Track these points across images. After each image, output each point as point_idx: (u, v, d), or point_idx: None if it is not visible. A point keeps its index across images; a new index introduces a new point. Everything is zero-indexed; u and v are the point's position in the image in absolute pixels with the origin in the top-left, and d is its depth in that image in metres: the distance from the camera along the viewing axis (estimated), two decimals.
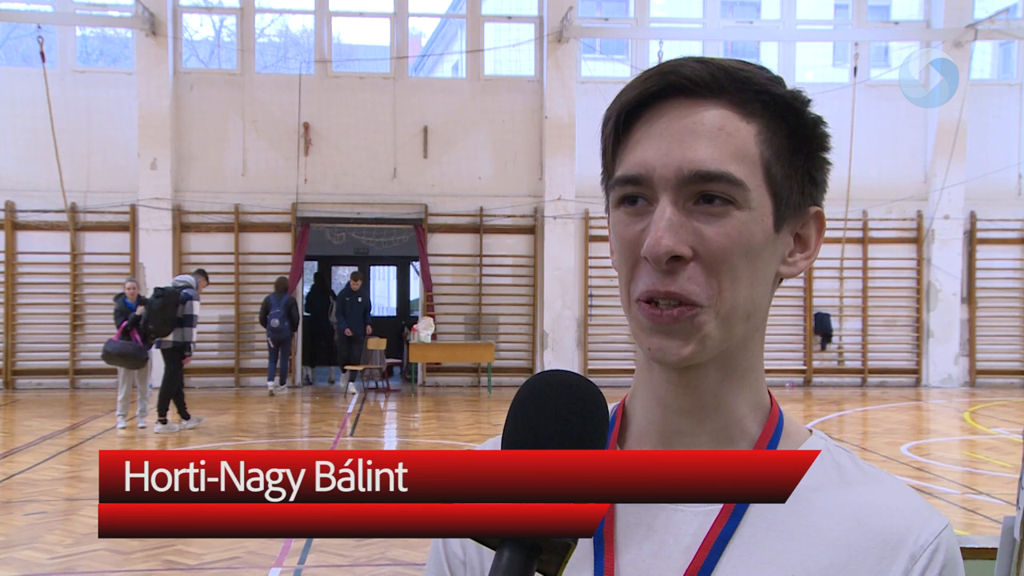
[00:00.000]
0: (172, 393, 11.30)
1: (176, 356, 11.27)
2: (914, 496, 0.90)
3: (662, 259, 0.83)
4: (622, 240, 0.87)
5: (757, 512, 0.88)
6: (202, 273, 11.96)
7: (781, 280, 0.93)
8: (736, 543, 0.87)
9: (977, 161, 16.33)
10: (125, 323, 11.05)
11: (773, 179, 0.87)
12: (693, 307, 0.84)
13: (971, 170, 16.25)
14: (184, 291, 11.15)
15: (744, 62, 0.88)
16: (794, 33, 16.75)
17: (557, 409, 0.74)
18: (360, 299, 15.74)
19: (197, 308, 11.33)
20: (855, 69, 15.59)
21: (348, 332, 15.33)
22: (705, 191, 0.84)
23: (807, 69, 18.19)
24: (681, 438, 0.92)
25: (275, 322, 14.66)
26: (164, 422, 11.27)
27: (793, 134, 0.88)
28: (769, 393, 0.95)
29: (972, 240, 16.72)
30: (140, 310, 11.18)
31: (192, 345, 11.35)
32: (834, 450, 0.93)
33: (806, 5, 17.61)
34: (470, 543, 0.95)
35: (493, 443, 0.95)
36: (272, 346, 15.00)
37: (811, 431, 0.96)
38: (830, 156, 0.92)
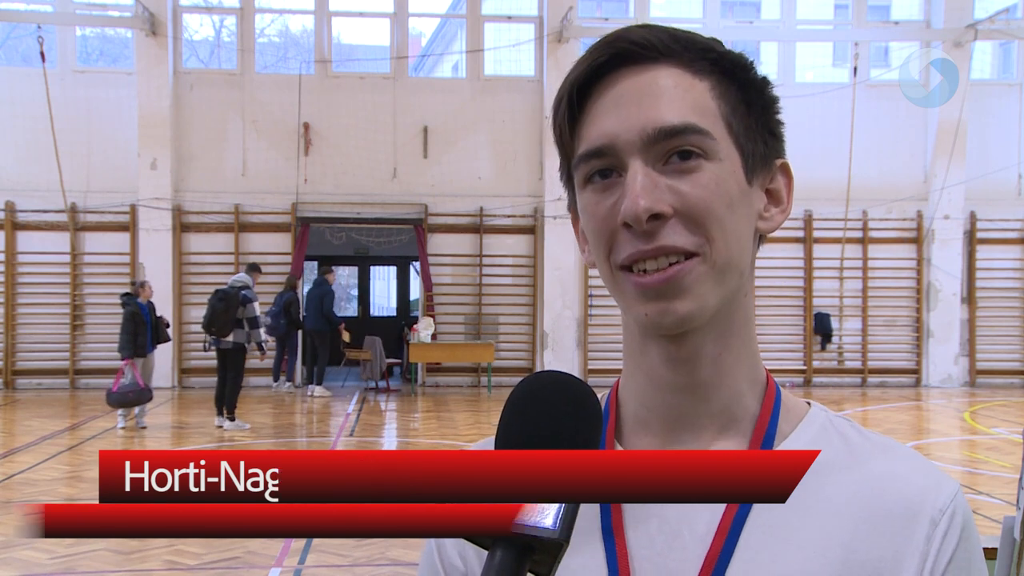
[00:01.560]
0: (238, 391, 11.71)
1: (238, 356, 11.60)
2: (924, 461, 0.90)
3: (642, 218, 0.81)
4: (595, 217, 0.85)
5: None
6: (256, 268, 12.20)
7: (762, 239, 0.92)
8: (752, 527, 0.85)
9: (977, 161, 16.33)
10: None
11: (735, 132, 0.86)
12: (686, 260, 0.83)
13: (971, 170, 16.25)
14: (243, 292, 11.49)
15: (686, 29, 0.89)
16: (794, 33, 16.76)
17: (550, 409, 0.74)
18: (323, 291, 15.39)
19: (258, 308, 11.78)
20: (855, 69, 15.59)
21: (344, 332, 15.27)
22: (673, 147, 0.83)
23: (807, 69, 18.19)
24: (682, 421, 0.90)
25: (268, 319, 14.68)
26: (233, 419, 11.62)
27: (744, 90, 0.87)
28: (766, 370, 0.94)
29: (972, 240, 16.72)
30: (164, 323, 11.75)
31: (264, 344, 11.86)
32: (836, 421, 0.93)
33: (806, 5, 17.61)
34: (470, 550, 0.93)
35: (486, 443, 0.94)
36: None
37: (809, 403, 0.95)
38: (782, 120, 0.92)
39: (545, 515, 0.66)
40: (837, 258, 16.40)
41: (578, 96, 0.86)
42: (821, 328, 16.52)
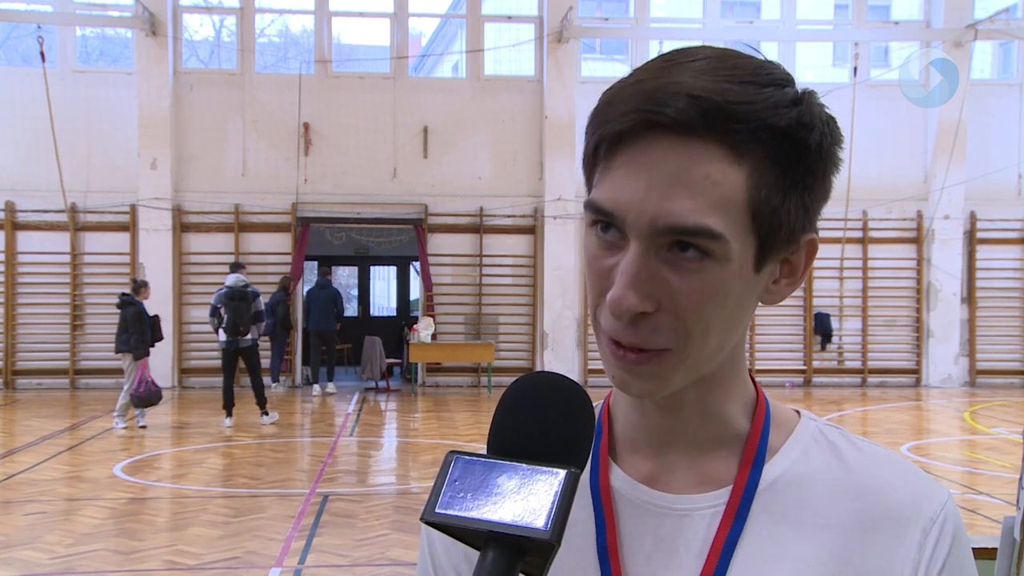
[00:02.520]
0: (262, 385, 12.02)
1: (256, 352, 11.84)
2: (913, 469, 0.90)
3: (624, 317, 0.79)
4: (592, 268, 0.83)
5: (763, 506, 0.87)
6: (242, 266, 12.26)
7: (757, 305, 0.87)
8: (746, 541, 0.85)
9: (977, 161, 16.33)
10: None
11: (759, 219, 0.80)
12: (660, 353, 0.81)
13: (971, 170, 16.25)
14: (252, 289, 11.71)
15: (751, 78, 0.79)
16: (794, 33, 16.75)
17: (543, 410, 0.74)
18: (325, 291, 15.62)
19: (262, 303, 12.05)
20: (855, 69, 15.58)
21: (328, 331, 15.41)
22: (680, 240, 0.78)
23: (807, 69, 18.20)
24: (672, 442, 0.90)
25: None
26: (267, 413, 12.02)
27: (791, 169, 0.80)
28: (753, 380, 0.93)
29: (972, 240, 16.72)
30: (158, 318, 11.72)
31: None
32: (826, 430, 0.92)
33: (806, 5, 17.61)
34: (459, 554, 0.92)
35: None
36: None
37: (798, 412, 0.94)
38: (838, 164, 0.85)
39: (536, 516, 0.66)
40: (837, 258, 16.40)
41: (611, 143, 0.81)
42: (821, 328, 16.53)
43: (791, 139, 0.79)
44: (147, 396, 11.12)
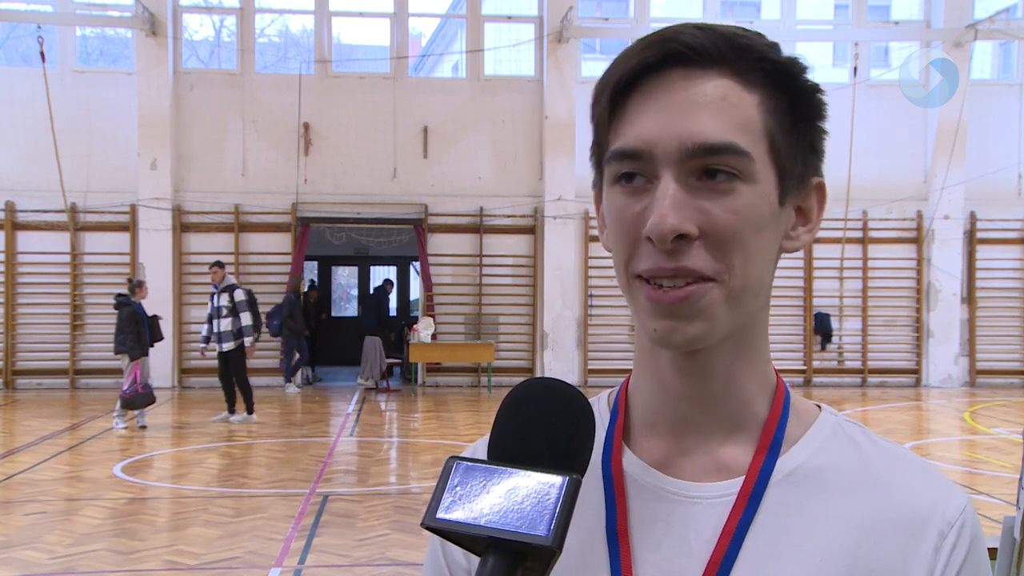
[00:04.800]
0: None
1: (237, 355, 11.79)
2: (934, 471, 0.89)
3: (667, 238, 0.79)
4: (621, 221, 0.83)
5: (776, 497, 0.86)
6: (219, 264, 12.20)
7: (781, 254, 0.90)
8: (757, 531, 0.84)
9: (977, 161, 16.33)
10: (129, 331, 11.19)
11: (777, 151, 0.83)
12: (703, 283, 0.80)
13: (971, 170, 16.25)
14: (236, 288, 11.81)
15: (743, 29, 0.85)
16: (794, 33, 16.74)
17: (544, 416, 0.73)
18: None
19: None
20: (855, 69, 15.58)
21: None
22: (709, 165, 0.80)
23: (811, 71, 18.17)
24: (690, 426, 0.89)
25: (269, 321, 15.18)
26: (234, 412, 12.01)
27: (794, 103, 0.84)
28: (775, 370, 0.93)
29: (972, 240, 16.72)
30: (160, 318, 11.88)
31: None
32: (846, 425, 0.91)
33: (806, 5, 17.61)
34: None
35: (482, 444, 0.92)
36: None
37: (820, 407, 0.94)
38: (830, 152, 0.89)
39: (538, 522, 0.66)
40: (837, 258, 16.40)
41: (624, 89, 0.83)
42: (821, 328, 16.52)
43: (791, 75, 0.85)
44: (132, 398, 11.05)
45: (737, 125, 0.81)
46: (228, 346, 11.61)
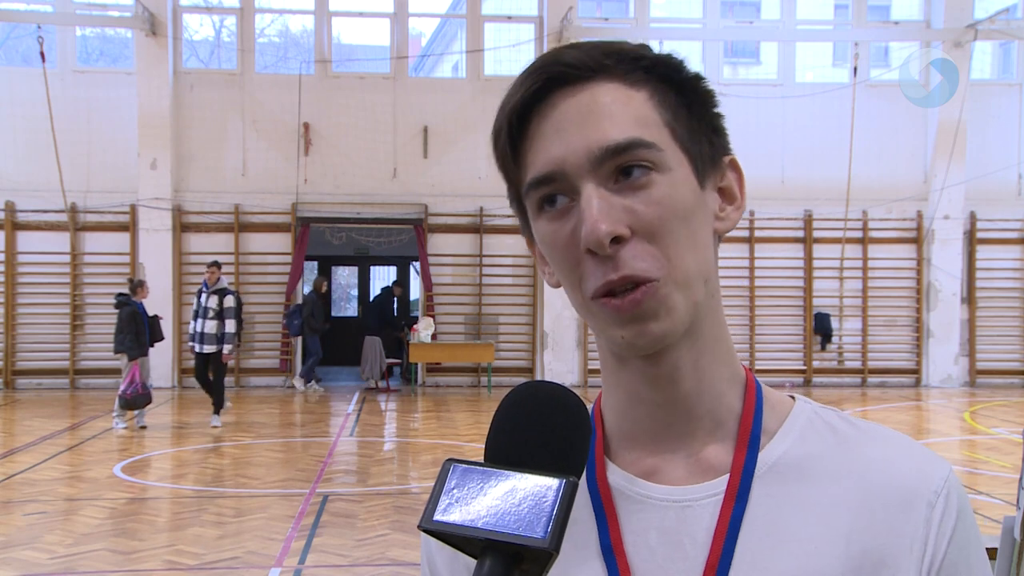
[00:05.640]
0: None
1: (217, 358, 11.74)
2: (913, 444, 0.90)
3: (605, 243, 0.80)
4: (555, 246, 0.85)
5: (763, 490, 0.86)
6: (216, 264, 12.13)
7: (720, 238, 0.91)
8: (749, 527, 0.85)
9: (977, 161, 16.32)
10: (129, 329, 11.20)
11: (680, 137, 0.85)
12: (650, 283, 0.82)
13: (971, 170, 16.25)
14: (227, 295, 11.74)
15: (614, 40, 0.87)
16: (794, 33, 16.75)
17: (540, 419, 0.73)
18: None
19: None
20: (855, 69, 15.58)
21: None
22: (622, 164, 0.82)
23: (807, 69, 18.19)
24: (669, 432, 0.89)
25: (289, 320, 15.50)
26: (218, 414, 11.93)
27: (680, 92, 0.87)
28: (741, 363, 0.94)
29: (972, 240, 16.71)
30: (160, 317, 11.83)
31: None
32: (822, 412, 0.92)
33: (806, 5, 17.60)
34: (460, 564, 0.91)
35: None
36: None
37: (793, 397, 0.94)
38: (719, 111, 0.91)
39: (535, 525, 0.66)
40: (837, 258, 16.40)
41: (518, 123, 0.85)
42: (821, 328, 16.52)
43: (670, 66, 0.87)
44: (133, 399, 11.03)
45: (634, 121, 0.83)
46: (209, 349, 11.48)
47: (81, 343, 15.65)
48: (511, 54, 16.52)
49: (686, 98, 0.87)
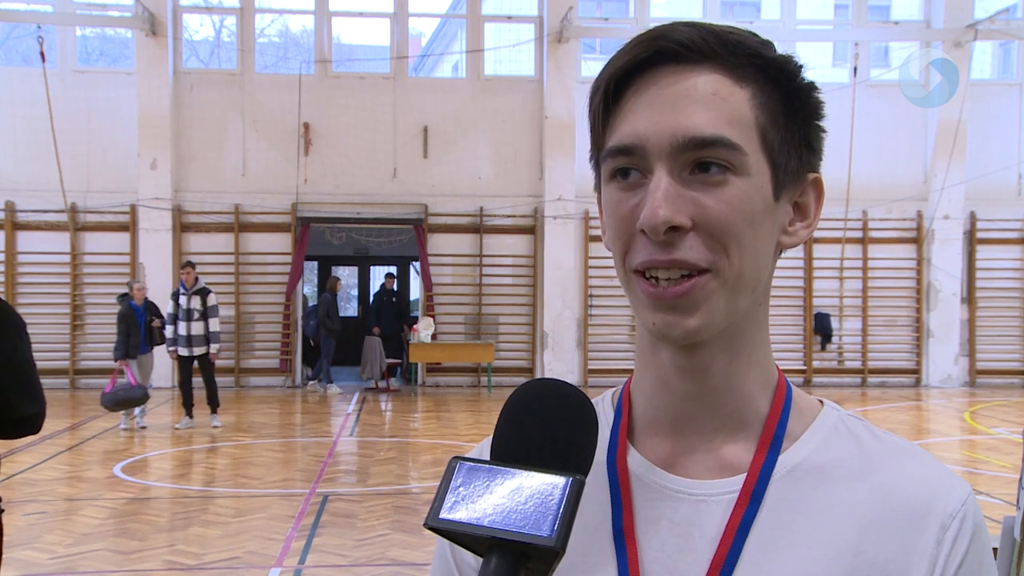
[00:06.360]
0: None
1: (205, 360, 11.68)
2: (936, 463, 0.89)
3: (660, 230, 0.80)
4: (616, 216, 0.85)
5: (779, 493, 0.86)
6: (191, 264, 12.04)
7: (781, 252, 0.90)
8: (760, 528, 0.85)
9: (977, 161, 16.33)
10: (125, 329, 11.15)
11: (769, 145, 0.84)
12: (699, 275, 0.81)
13: (971, 170, 16.25)
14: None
15: (735, 27, 0.86)
16: (794, 33, 16.74)
17: (546, 417, 0.73)
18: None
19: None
20: (855, 69, 15.58)
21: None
22: (701, 158, 0.81)
23: (807, 69, 18.16)
24: (692, 424, 0.89)
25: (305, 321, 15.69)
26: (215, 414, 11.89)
27: (787, 99, 0.86)
28: (777, 367, 0.93)
29: (972, 240, 16.72)
30: (157, 323, 11.56)
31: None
32: (848, 420, 0.92)
33: (806, 5, 17.61)
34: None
35: (486, 444, 0.92)
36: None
37: (822, 402, 0.94)
38: (830, 150, 0.90)
39: (541, 523, 0.66)
40: (837, 258, 16.41)
41: (615, 88, 0.85)
42: (821, 328, 16.53)
43: (784, 71, 0.86)
44: (112, 396, 10.76)
45: (728, 119, 0.82)
46: (200, 351, 11.40)
47: (81, 343, 15.64)
48: (511, 54, 16.53)
49: (789, 106, 0.86)
